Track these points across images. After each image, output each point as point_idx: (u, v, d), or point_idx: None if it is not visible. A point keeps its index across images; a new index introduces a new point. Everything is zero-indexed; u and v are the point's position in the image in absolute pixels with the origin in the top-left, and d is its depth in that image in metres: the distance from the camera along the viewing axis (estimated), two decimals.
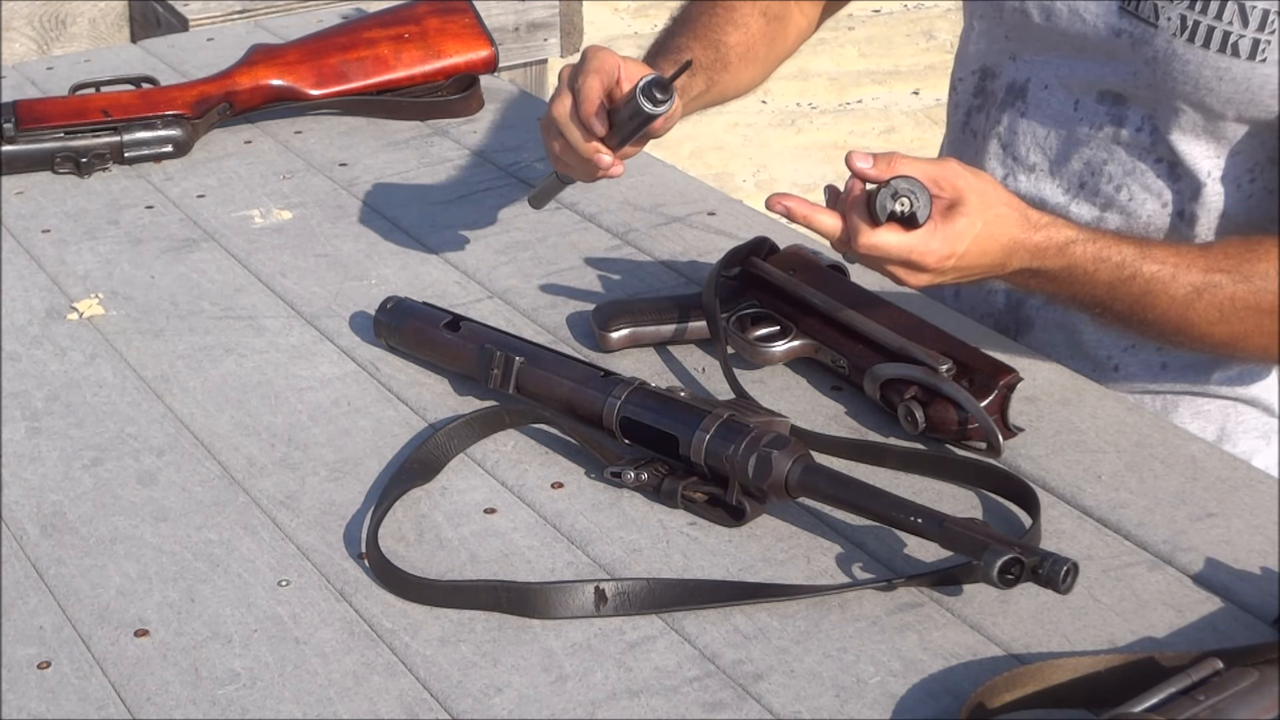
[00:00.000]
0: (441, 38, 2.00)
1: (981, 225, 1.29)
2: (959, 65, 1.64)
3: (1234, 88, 1.41)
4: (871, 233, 1.28)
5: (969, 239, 1.29)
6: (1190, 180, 1.48)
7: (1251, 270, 1.36)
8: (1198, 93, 1.43)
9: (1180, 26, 1.41)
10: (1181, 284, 1.35)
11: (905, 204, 1.26)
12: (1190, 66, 1.42)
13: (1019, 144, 1.56)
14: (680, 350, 1.50)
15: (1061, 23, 1.49)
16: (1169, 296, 1.35)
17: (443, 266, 1.66)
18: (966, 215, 1.29)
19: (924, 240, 1.28)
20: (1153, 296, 1.36)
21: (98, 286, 1.63)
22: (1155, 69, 1.44)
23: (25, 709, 1.12)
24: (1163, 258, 1.36)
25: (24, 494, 1.33)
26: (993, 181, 1.33)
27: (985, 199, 1.30)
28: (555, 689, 1.12)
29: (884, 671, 1.13)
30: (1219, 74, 1.41)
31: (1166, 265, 1.35)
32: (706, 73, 1.56)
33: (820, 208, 1.31)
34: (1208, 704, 0.99)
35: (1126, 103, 1.49)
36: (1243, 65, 1.40)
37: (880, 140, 4.27)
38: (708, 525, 1.27)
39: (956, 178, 1.30)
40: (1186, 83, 1.43)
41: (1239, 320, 1.37)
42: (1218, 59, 1.40)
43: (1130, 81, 1.47)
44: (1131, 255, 1.35)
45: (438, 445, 1.35)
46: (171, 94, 1.92)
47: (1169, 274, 1.35)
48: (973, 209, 1.29)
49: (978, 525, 1.19)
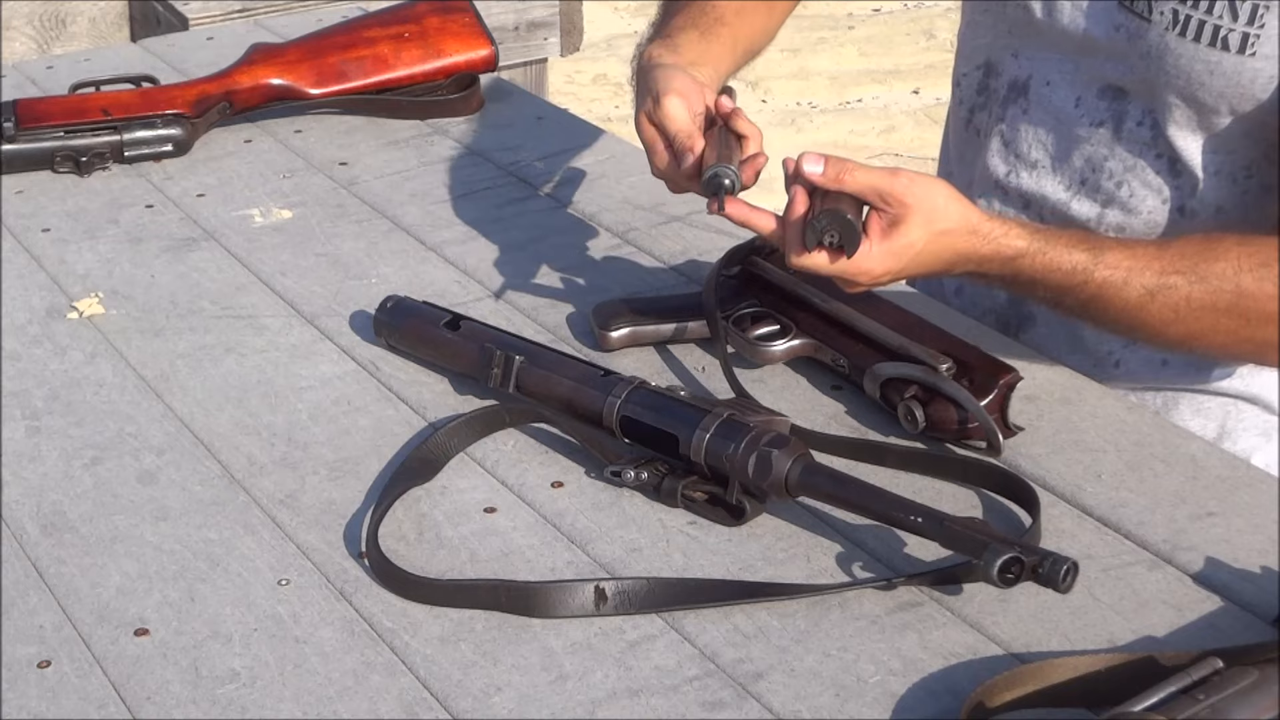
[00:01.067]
0: (441, 37, 2.00)
1: (924, 243, 1.30)
2: (962, 61, 1.64)
3: (1224, 82, 1.42)
4: (803, 254, 1.30)
5: (909, 255, 1.30)
6: (1190, 176, 1.48)
7: (1208, 270, 1.35)
8: (1190, 87, 1.43)
9: (1172, 21, 1.42)
10: (1134, 287, 1.35)
11: (833, 238, 1.29)
12: (1182, 61, 1.42)
13: (1021, 141, 1.56)
14: (680, 350, 1.50)
15: (1064, 20, 1.49)
16: (1121, 299, 1.35)
17: (443, 266, 1.66)
18: (907, 235, 1.29)
19: (855, 262, 1.29)
20: (1104, 301, 1.36)
21: (98, 286, 1.63)
22: (1149, 63, 1.44)
23: (25, 708, 1.12)
24: (1115, 262, 1.35)
25: (24, 493, 1.33)
26: (944, 191, 1.32)
27: (931, 216, 1.30)
28: (555, 688, 1.12)
29: (884, 671, 1.13)
30: (1209, 68, 1.41)
31: (1119, 270, 1.35)
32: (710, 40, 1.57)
33: (758, 210, 1.34)
34: (1208, 703, 0.99)
35: (1127, 97, 1.49)
36: (1233, 59, 1.40)
37: (880, 140, 4.27)
38: (708, 524, 1.27)
39: (905, 193, 1.30)
40: (1179, 77, 1.43)
41: (1194, 320, 1.36)
42: (1208, 53, 1.41)
43: (1128, 76, 1.47)
44: (1083, 261, 1.34)
45: (438, 444, 1.35)
46: (171, 93, 1.92)
47: (1121, 278, 1.35)
48: (915, 226, 1.29)
49: (978, 524, 1.19)
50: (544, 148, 1.88)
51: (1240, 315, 1.35)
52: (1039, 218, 1.55)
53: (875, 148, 4.22)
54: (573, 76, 4.59)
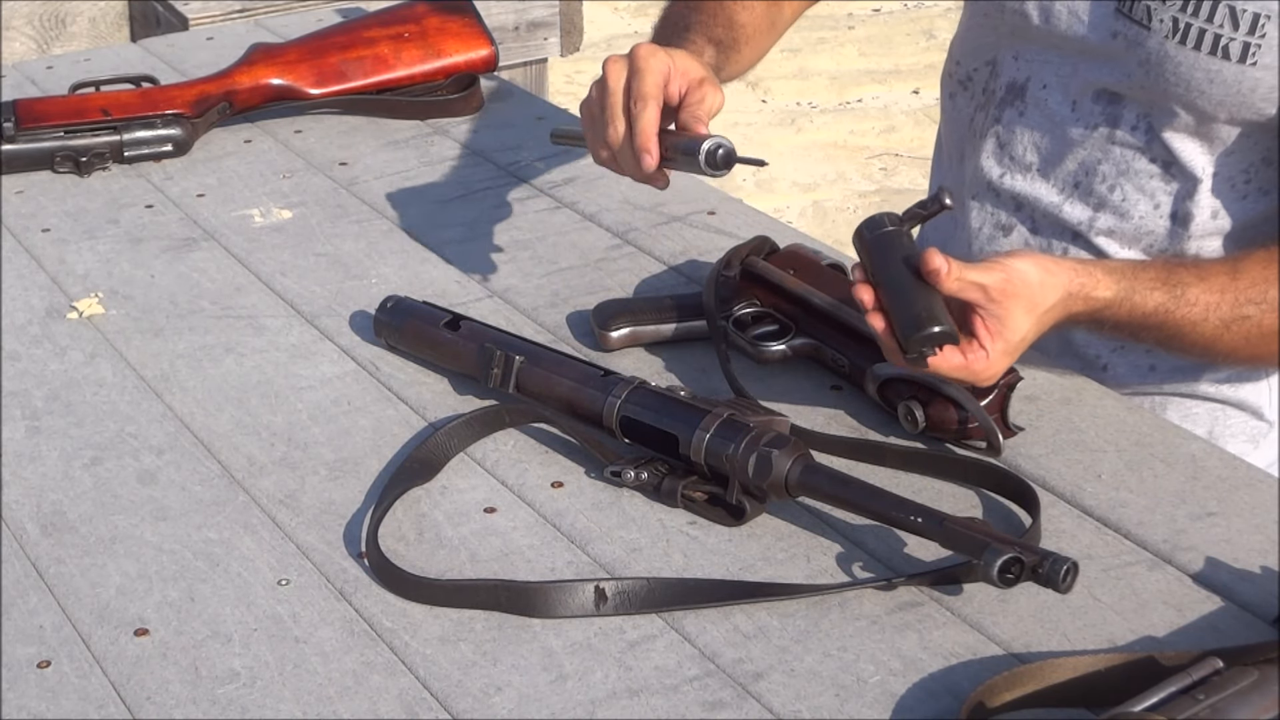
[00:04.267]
0: (441, 37, 2.00)
1: (1032, 330, 1.28)
2: (967, 58, 1.63)
3: (1225, 90, 1.41)
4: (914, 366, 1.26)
5: (1021, 345, 1.28)
6: (1185, 180, 1.48)
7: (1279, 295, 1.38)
8: (1189, 95, 1.43)
9: (1172, 29, 1.42)
10: (1212, 322, 1.37)
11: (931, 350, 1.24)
12: (1182, 69, 1.42)
13: (1016, 143, 1.56)
14: (680, 350, 1.50)
15: (1060, 24, 1.49)
16: (1198, 334, 1.37)
17: (443, 266, 1.66)
18: (1017, 330, 1.26)
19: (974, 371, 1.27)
20: (1181, 337, 1.38)
21: (97, 286, 1.63)
22: (1148, 71, 1.44)
23: (25, 708, 1.12)
24: (1194, 299, 1.36)
25: (24, 493, 1.33)
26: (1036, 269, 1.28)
27: (1033, 303, 1.27)
28: (555, 688, 1.12)
29: (884, 671, 1.13)
30: (1210, 76, 1.41)
31: (1197, 308, 1.36)
32: (725, 53, 1.54)
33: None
34: (1208, 703, 0.99)
35: (1122, 102, 1.49)
36: (1233, 68, 1.40)
37: (880, 140, 4.27)
38: (707, 524, 1.27)
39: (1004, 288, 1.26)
40: (1178, 84, 1.43)
41: (1263, 344, 1.39)
42: (1209, 61, 1.41)
43: (1125, 82, 1.47)
44: (1164, 303, 1.35)
45: (438, 444, 1.35)
46: (171, 93, 1.92)
47: (1199, 315, 1.36)
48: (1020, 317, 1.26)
49: (978, 524, 1.19)
50: (544, 148, 1.88)
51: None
52: (1031, 220, 1.56)
53: (875, 148, 4.22)
54: (573, 76, 4.59)
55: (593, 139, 1.39)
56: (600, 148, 1.38)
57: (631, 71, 1.35)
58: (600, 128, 1.36)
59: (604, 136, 1.36)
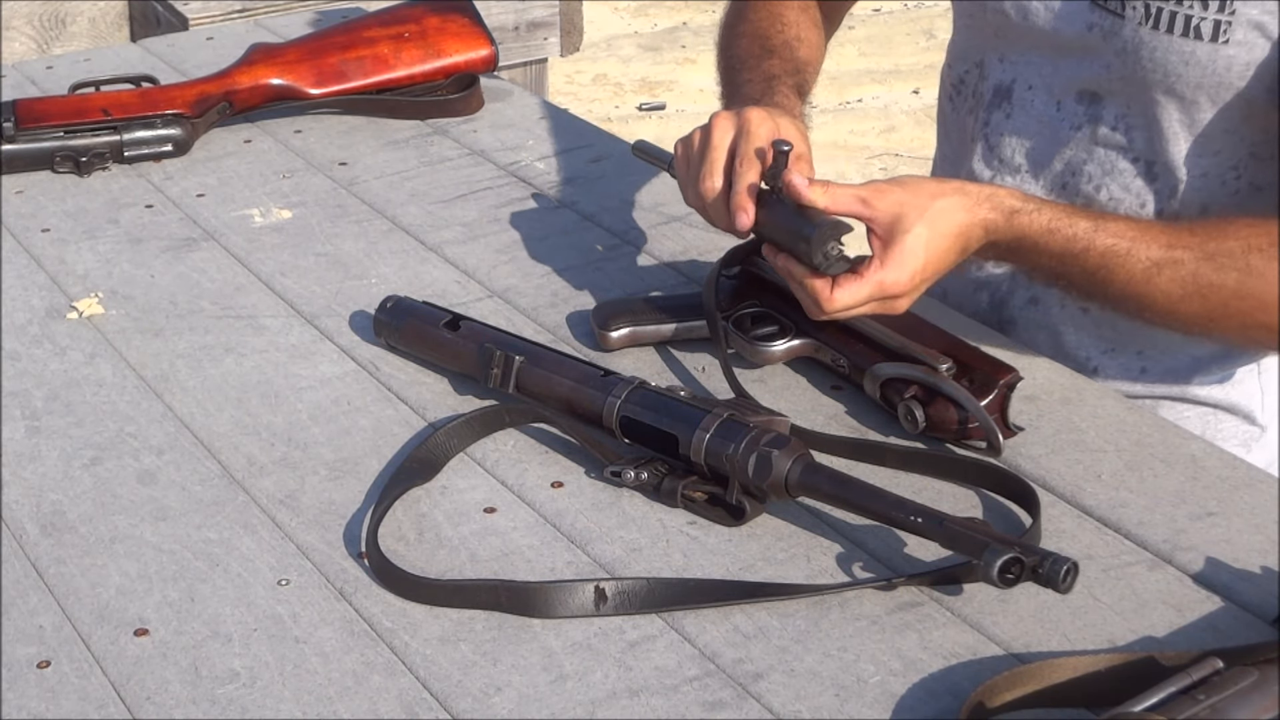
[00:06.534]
0: (441, 37, 2.00)
1: (927, 230, 1.30)
2: (958, 62, 1.64)
3: (1200, 71, 1.42)
4: (832, 295, 1.30)
5: (922, 249, 1.30)
6: (1168, 179, 1.49)
7: (1216, 249, 1.35)
8: (1167, 80, 1.44)
9: (1145, 14, 1.43)
10: (1139, 258, 1.35)
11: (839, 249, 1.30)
12: (1157, 54, 1.43)
13: (1004, 146, 1.57)
14: (680, 350, 1.50)
15: (1038, 20, 1.50)
16: (1126, 270, 1.35)
17: (443, 266, 1.66)
18: (909, 229, 1.30)
19: (880, 280, 1.29)
20: (1109, 270, 1.35)
21: (97, 286, 1.63)
22: (1125, 60, 1.45)
23: (25, 708, 1.12)
24: (1119, 231, 1.35)
25: (24, 493, 1.33)
26: (919, 178, 1.34)
27: (918, 202, 1.30)
28: (555, 688, 1.13)
29: (884, 671, 1.13)
30: (1184, 58, 1.42)
31: (1123, 239, 1.35)
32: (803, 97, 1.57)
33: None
34: (1208, 703, 0.99)
35: (1103, 101, 1.50)
36: (1206, 48, 1.41)
37: (880, 140, 4.27)
38: (707, 524, 1.28)
39: (885, 196, 1.31)
40: (1155, 70, 1.44)
41: (1202, 298, 1.35)
42: (1182, 43, 1.42)
43: (1105, 76, 1.48)
44: (1085, 228, 1.35)
45: (437, 444, 1.35)
46: (171, 93, 1.92)
47: (1125, 248, 1.35)
48: (912, 219, 1.30)
49: (978, 524, 1.19)
50: (544, 148, 1.88)
51: (1249, 296, 1.35)
52: None
53: (875, 148, 4.22)
54: (573, 76, 4.60)
55: (685, 182, 1.44)
56: (693, 194, 1.43)
57: (740, 133, 1.39)
58: (696, 176, 1.41)
59: (699, 187, 1.40)
